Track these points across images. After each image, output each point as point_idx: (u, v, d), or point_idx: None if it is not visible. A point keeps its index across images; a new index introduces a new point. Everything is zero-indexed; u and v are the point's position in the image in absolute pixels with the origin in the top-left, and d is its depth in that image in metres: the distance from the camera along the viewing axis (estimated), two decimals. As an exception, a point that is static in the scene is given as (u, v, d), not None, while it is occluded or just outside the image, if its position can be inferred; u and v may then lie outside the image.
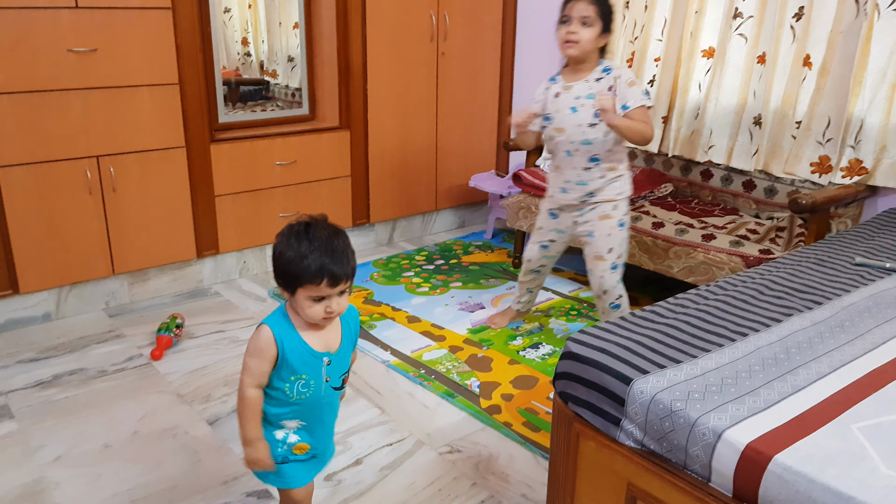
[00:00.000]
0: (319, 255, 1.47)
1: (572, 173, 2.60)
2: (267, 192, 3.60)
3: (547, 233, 2.82)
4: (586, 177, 2.59)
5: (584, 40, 2.44)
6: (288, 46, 3.88)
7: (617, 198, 2.62)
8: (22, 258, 2.96)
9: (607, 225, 2.62)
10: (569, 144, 2.56)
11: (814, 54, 3.06)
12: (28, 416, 2.42)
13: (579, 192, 2.62)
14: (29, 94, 2.83)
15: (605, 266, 2.65)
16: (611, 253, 2.64)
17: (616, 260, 2.65)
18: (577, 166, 2.58)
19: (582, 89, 2.52)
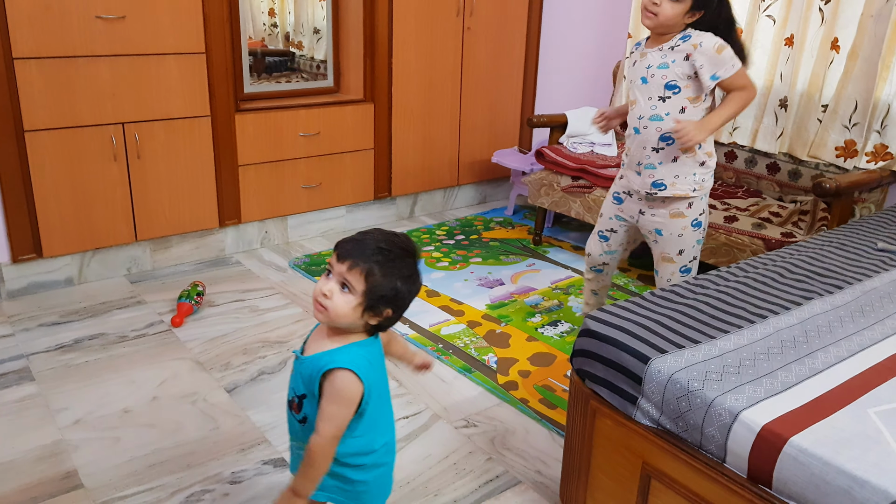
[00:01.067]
0: (353, 240, 1.34)
1: (641, 154, 2.26)
2: (290, 162, 3.62)
3: (607, 221, 2.48)
4: (655, 159, 2.23)
5: (663, 15, 2.10)
6: (314, 18, 3.88)
7: (692, 194, 2.24)
8: (46, 223, 3.00)
9: (678, 224, 2.28)
10: (637, 120, 2.25)
11: (842, 38, 3.01)
12: (49, 379, 2.47)
13: (647, 179, 2.26)
14: (57, 59, 2.85)
15: (673, 269, 2.35)
16: (682, 255, 2.32)
17: (689, 263, 2.34)
18: (646, 146, 2.24)
19: (655, 58, 2.19)
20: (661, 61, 2.18)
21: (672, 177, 2.23)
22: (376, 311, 1.33)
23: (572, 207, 3.55)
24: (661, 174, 2.24)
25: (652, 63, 2.20)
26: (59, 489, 1.95)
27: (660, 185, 2.25)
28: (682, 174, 2.23)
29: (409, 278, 1.34)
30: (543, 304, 3.14)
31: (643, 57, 2.24)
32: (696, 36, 2.14)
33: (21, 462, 2.05)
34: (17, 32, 2.74)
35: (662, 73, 2.17)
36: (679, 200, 2.27)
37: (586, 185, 3.48)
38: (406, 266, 1.33)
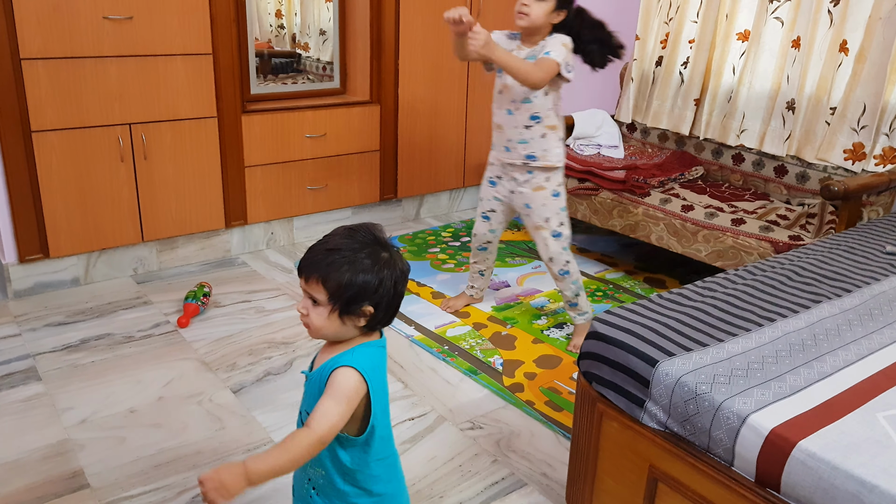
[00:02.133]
0: (314, 251, 1.33)
1: (514, 132, 2.63)
2: (296, 164, 3.62)
3: (487, 202, 2.84)
4: (527, 135, 2.61)
5: (534, 14, 2.47)
6: (320, 19, 3.88)
7: (555, 165, 2.64)
8: (53, 223, 3.01)
9: (541, 196, 2.66)
10: (510, 103, 2.59)
11: (851, 40, 3.00)
12: (55, 378, 2.48)
13: (521, 151, 2.63)
14: (65, 60, 2.86)
15: (546, 234, 2.70)
16: (549, 222, 2.69)
17: (557, 227, 2.70)
18: (518, 125, 2.61)
19: (529, 52, 2.56)
20: (533, 55, 2.52)
21: (541, 149, 2.62)
22: (354, 313, 1.29)
23: (579, 209, 3.55)
24: (532, 148, 2.62)
25: (527, 55, 2.54)
26: (65, 489, 1.95)
27: (532, 157, 2.63)
28: (546, 146, 2.61)
29: (375, 268, 1.28)
30: (549, 307, 3.13)
31: (520, 50, 2.58)
32: (557, 35, 2.51)
33: (27, 461, 2.05)
34: (24, 33, 2.75)
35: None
36: (540, 174, 2.65)
37: (593, 187, 3.48)
38: (367, 257, 1.28)
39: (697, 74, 3.53)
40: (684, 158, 3.64)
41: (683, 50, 3.60)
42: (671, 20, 3.64)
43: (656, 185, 3.39)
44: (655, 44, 3.72)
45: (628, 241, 3.97)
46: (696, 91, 3.54)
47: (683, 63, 3.61)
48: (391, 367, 2.62)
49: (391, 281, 1.31)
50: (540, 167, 2.64)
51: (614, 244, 3.94)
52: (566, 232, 2.72)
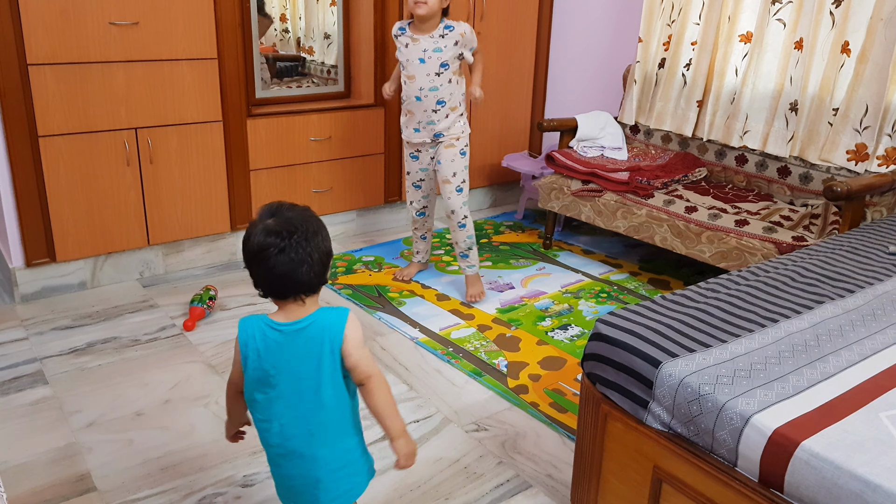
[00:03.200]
0: None
1: (423, 115, 2.99)
2: (301, 167, 3.64)
3: (415, 174, 3.17)
4: (434, 118, 2.98)
5: (431, 1, 2.81)
6: (325, 23, 3.90)
7: (460, 135, 3.05)
8: (60, 227, 3.03)
9: (450, 153, 3.03)
10: (419, 91, 2.95)
11: (853, 41, 3.00)
12: (62, 382, 2.49)
13: (429, 131, 3.01)
14: (71, 65, 2.88)
15: (451, 188, 3.05)
16: (455, 177, 3.05)
17: (460, 184, 3.06)
18: (426, 109, 2.97)
19: (428, 43, 2.91)
20: (434, 46, 2.90)
21: (446, 127, 3.01)
22: None
23: (582, 211, 3.55)
24: (440, 127, 3.01)
25: (427, 47, 2.90)
26: (73, 491, 1.96)
27: (440, 135, 3.03)
28: (451, 124, 3.02)
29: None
30: (554, 308, 3.14)
31: (415, 42, 2.92)
32: (458, 26, 2.91)
33: (35, 464, 2.07)
34: (31, 39, 2.77)
35: (437, 55, 2.90)
36: (450, 138, 3.04)
37: (596, 188, 3.49)
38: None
39: (700, 76, 3.53)
40: (688, 160, 3.64)
41: (686, 52, 3.61)
42: (674, 22, 3.64)
43: (660, 186, 3.40)
44: (658, 46, 3.73)
45: (632, 242, 3.97)
46: (699, 93, 3.55)
47: (686, 65, 3.62)
48: (396, 369, 2.63)
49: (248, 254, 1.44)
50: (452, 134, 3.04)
51: (619, 245, 3.94)
52: (467, 189, 3.10)
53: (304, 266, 1.39)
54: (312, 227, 1.42)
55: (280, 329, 1.43)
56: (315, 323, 1.43)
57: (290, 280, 1.40)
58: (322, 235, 1.44)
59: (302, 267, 1.39)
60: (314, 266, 1.40)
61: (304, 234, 1.39)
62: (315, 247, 1.41)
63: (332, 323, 1.42)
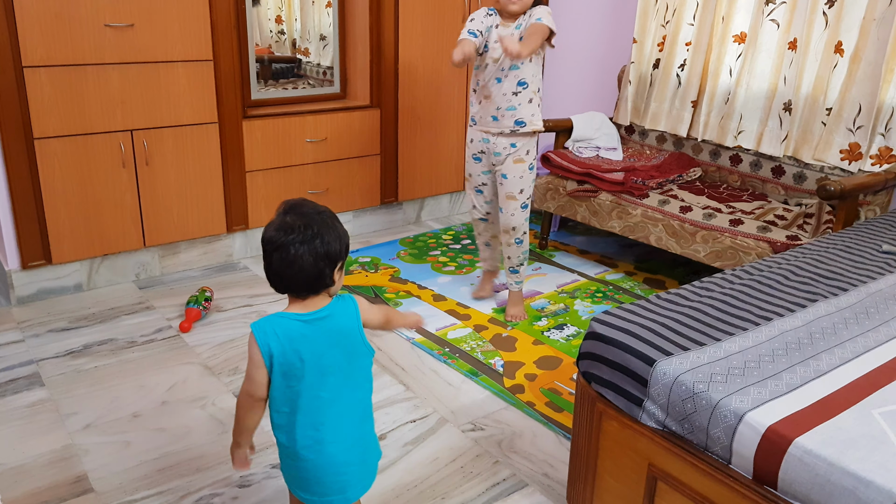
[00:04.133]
0: None
1: (502, 100, 2.77)
2: (297, 168, 3.64)
3: (477, 177, 2.99)
4: (515, 101, 2.77)
5: None
6: (320, 25, 3.90)
7: (539, 128, 2.83)
8: (55, 229, 3.03)
9: (520, 168, 2.85)
10: (500, 72, 2.74)
11: (846, 41, 3.02)
12: (59, 384, 2.49)
13: (510, 118, 2.79)
14: (67, 67, 2.88)
15: (515, 205, 2.90)
16: (521, 194, 2.89)
17: (526, 200, 2.91)
18: (507, 91, 2.76)
19: (516, 30, 2.72)
20: (519, 23, 2.71)
21: (529, 115, 2.80)
22: None
23: (578, 211, 3.56)
24: (520, 113, 2.78)
25: (514, 34, 2.70)
26: (70, 493, 1.97)
27: (521, 123, 2.80)
28: (535, 113, 2.81)
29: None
30: (549, 308, 3.15)
31: (506, 27, 2.73)
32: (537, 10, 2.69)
33: (32, 466, 2.07)
34: (26, 41, 2.77)
35: (519, 33, 2.69)
36: (521, 148, 2.83)
37: (592, 189, 3.50)
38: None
39: (695, 76, 3.55)
40: (682, 160, 3.66)
41: (680, 52, 3.62)
42: (668, 23, 3.66)
43: (654, 186, 3.41)
44: (653, 46, 3.74)
45: (628, 242, 3.99)
46: (694, 93, 3.56)
47: (681, 65, 3.63)
48: (392, 370, 2.63)
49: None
50: (529, 132, 2.82)
51: (614, 245, 3.96)
52: (530, 205, 2.95)
53: (298, 266, 1.40)
54: (317, 228, 1.42)
55: (302, 320, 1.44)
56: (334, 314, 1.46)
57: (285, 278, 1.43)
58: (327, 237, 1.43)
59: (296, 267, 1.40)
60: (308, 267, 1.41)
61: (306, 233, 1.41)
62: (315, 247, 1.41)
63: (349, 312, 1.49)
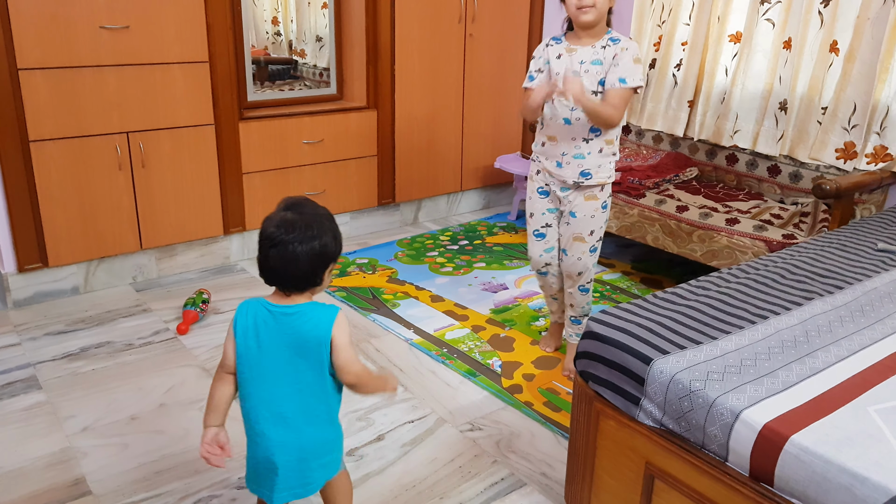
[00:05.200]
0: None
1: (570, 145, 2.36)
2: (294, 170, 3.64)
3: (540, 217, 2.54)
4: (585, 149, 2.35)
5: (599, 2, 2.24)
6: (316, 26, 3.91)
7: (607, 180, 2.42)
8: (52, 232, 3.03)
9: (591, 206, 2.43)
10: (570, 112, 2.33)
11: (841, 40, 3.03)
12: (56, 387, 2.49)
13: (576, 168, 2.38)
14: (63, 69, 2.88)
15: (583, 248, 2.48)
16: (592, 235, 2.47)
17: (596, 243, 2.50)
18: (577, 136, 2.35)
19: (587, 54, 2.31)
20: (594, 58, 2.30)
21: (596, 164, 2.38)
22: None
23: (575, 212, 3.56)
24: (588, 164, 2.37)
25: (585, 59, 2.31)
26: (68, 496, 1.97)
27: (586, 175, 2.39)
28: (602, 163, 2.38)
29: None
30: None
31: (571, 52, 2.34)
32: (625, 41, 2.30)
33: (30, 469, 2.07)
34: (22, 43, 2.77)
35: (596, 69, 2.30)
36: (595, 186, 2.41)
37: (588, 189, 3.50)
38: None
39: (691, 76, 3.56)
40: (679, 160, 3.66)
41: (676, 52, 3.63)
42: (664, 23, 3.67)
43: (651, 186, 3.41)
44: (649, 46, 3.75)
45: (625, 241, 3.99)
46: (690, 93, 3.57)
47: (677, 65, 3.64)
48: (391, 370, 2.64)
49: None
50: (594, 185, 2.41)
51: (611, 245, 3.96)
52: (599, 248, 2.53)
53: (293, 264, 1.45)
54: (316, 229, 1.47)
55: (270, 310, 1.51)
56: (303, 314, 1.49)
57: (278, 274, 1.49)
58: (326, 238, 1.48)
59: (291, 265, 1.45)
60: (303, 266, 1.46)
61: (306, 234, 1.45)
62: (314, 247, 1.45)
63: (321, 321, 1.48)
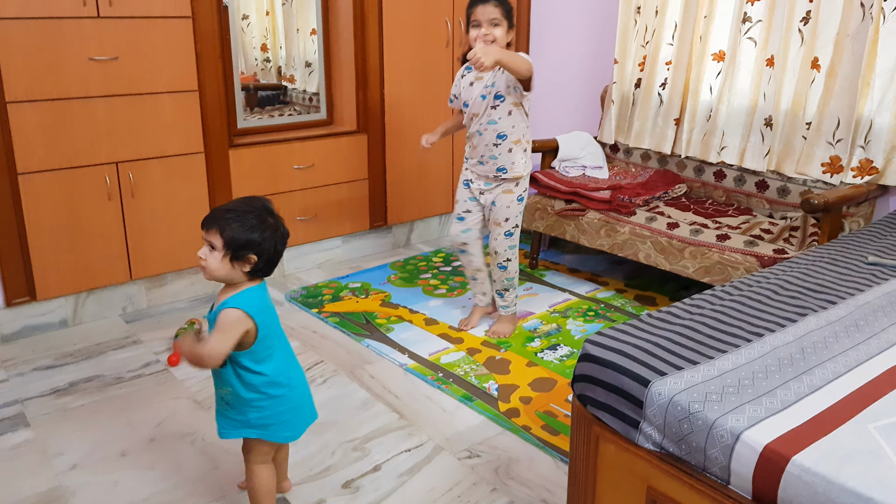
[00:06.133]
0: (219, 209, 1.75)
1: (485, 150, 2.89)
2: (285, 195, 3.64)
3: (463, 203, 3.06)
4: (496, 151, 2.87)
5: (498, 38, 2.73)
6: (306, 52, 3.92)
7: (522, 174, 2.92)
8: (40, 264, 3.00)
9: (508, 198, 2.94)
10: (479, 125, 2.87)
11: (822, 57, 3.07)
12: (44, 423, 2.45)
13: (492, 165, 2.90)
14: (51, 101, 2.88)
15: (500, 231, 2.99)
16: (507, 222, 2.97)
17: (511, 228, 2.99)
18: (488, 143, 2.87)
19: (489, 78, 2.82)
20: (492, 80, 2.81)
21: (509, 162, 2.88)
22: (242, 259, 1.69)
23: (567, 230, 3.58)
24: (501, 161, 2.89)
25: (488, 83, 2.82)
26: (62, 534, 1.93)
27: (502, 170, 2.90)
28: (515, 161, 2.89)
29: (259, 227, 1.69)
30: (542, 329, 3.14)
31: (479, 80, 2.85)
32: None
33: (21, 508, 2.03)
34: (10, 76, 2.76)
35: (492, 88, 2.81)
36: (511, 181, 2.92)
37: (580, 207, 3.51)
38: (254, 218, 1.69)
39: (676, 95, 3.58)
40: (667, 176, 3.68)
41: (661, 71, 3.66)
42: (648, 43, 3.70)
43: (641, 203, 3.43)
44: (634, 66, 3.78)
45: (617, 259, 4.00)
46: (676, 111, 3.60)
47: (662, 84, 3.67)
48: (386, 398, 2.62)
49: (272, 241, 1.72)
50: (511, 178, 2.91)
51: (604, 263, 3.97)
52: (517, 234, 3.03)
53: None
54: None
55: (264, 289, 1.80)
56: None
57: (277, 261, 1.78)
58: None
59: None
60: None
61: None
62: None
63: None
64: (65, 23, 2.84)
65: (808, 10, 3.07)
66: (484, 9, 2.71)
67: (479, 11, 2.72)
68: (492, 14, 2.71)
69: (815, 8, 3.04)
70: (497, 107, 2.81)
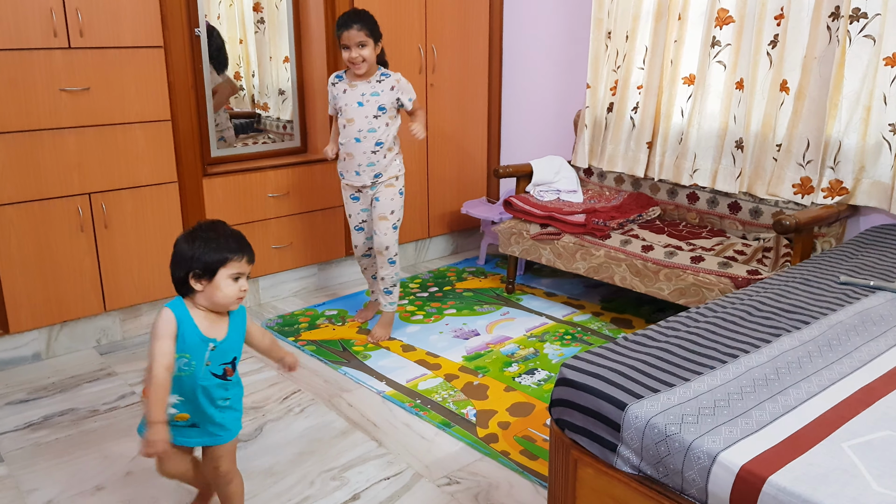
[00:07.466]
0: (236, 240, 1.83)
1: (363, 157, 3.11)
2: (260, 224, 3.62)
3: (357, 216, 3.29)
4: (374, 158, 3.12)
5: (368, 57, 3.00)
6: (279, 80, 3.93)
7: (398, 173, 3.20)
8: (12, 298, 2.96)
9: (390, 192, 3.18)
10: (357, 132, 3.09)
11: (790, 79, 3.13)
12: (18, 459, 2.41)
13: (370, 173, 3.14)
14: (22, 133, 2.85)
15: (387, 225, 3.19)
16: (392, 215, 3.19)
17: (396, 222, 3.22)
18: (366, 150, 3.10)
19: (366, 88, 3.08)
20: (372, 90, 3.08)
21: (385, 167, 3.16)
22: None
23: (542, 254, 3.59)
24: (379, 168, 3.15)
25: (365, 91, 3.08)
26: (32, 574, 1.89)
27: (379, 176, 3.16)
28: (389, 164, 3.17)
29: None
30: (519, 353, 3.14)
31: (353, 87, 3.09)
32: (393, 74, 3.11)
33: (-9, 548, 1.98)
34: (-21, 109, 2.74)
35: (375, 99, 3.07)
36: (391, 177, 3.19)
37: (555, 231, 3.53)
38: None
39: (648, 118, 3.63)
40: (641, 199, 3.72)
41: (633, 95, 3.71)
42: (619, 68, 3.75)
43: (616, 227, 3.46)
44: (606, 91, 3.83)
45: (593, 282, 4.02)
46: (648, 134, 3.64)
47: (634, 108, 3.72)
48: (364, 426, 2.59)
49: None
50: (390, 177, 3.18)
51: (580, 286, 3.98)
52: (399, 227, 3.26)
53: None
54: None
55: None
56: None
57: None
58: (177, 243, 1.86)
59: None
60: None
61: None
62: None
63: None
64: (35, 54, 2.83)
65: (776, 33, 3.14)
66: (349, 34, 2.96)
67: (345, 37, 2.97)
68: (357, 38, 2.96)
69: (782, 31, 3.11)
70: (378, 116, 3.08)
